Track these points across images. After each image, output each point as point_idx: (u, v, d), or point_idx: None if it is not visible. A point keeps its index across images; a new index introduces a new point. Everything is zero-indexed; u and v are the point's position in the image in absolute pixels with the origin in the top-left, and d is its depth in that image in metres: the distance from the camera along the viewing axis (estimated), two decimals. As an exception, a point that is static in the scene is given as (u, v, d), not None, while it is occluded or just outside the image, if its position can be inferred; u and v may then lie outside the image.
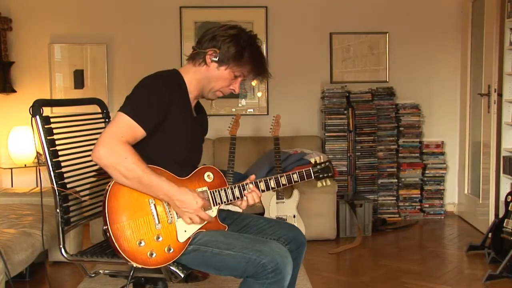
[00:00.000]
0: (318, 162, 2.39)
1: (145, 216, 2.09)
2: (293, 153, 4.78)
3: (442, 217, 5.52)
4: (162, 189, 2.06)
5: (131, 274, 2.12)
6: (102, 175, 2.56)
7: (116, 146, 2.01)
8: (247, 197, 2.26)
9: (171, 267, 2.13)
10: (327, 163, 2.39)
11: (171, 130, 2.19)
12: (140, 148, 2.10)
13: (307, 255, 3.09)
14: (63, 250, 2.30)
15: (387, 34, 5.61)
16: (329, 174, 2.38)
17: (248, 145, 5.25)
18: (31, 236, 3.27)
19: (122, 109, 2.09)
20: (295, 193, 4.43)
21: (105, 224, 2.04)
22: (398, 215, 5.47)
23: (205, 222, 2.18)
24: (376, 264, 4.11)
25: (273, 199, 4.36)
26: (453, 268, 3.98)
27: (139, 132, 2.09)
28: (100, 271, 2.41)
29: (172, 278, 2.18)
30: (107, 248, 2.32)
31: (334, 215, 4.73)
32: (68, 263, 4.09)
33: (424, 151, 5.54)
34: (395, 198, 5.49)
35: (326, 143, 5.39)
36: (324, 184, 2.39)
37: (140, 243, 2.05)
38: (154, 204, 2.10)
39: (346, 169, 5.37)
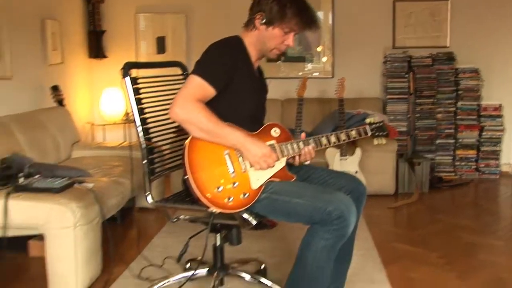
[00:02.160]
0: (373, 122, 2.37)
1: (221, 166, 2.11)
2: (356, 114, 4.68)
3: (497, 177, 5.30)
4: (233, 138, 2.09)
5: (212, 218, 2.15)
6: (182, 131, 2.61)
7: (189, 104, 2.06)
8: (300, 154, 2.25)
9: (245, 215, 2.14)
10: (381, 123, 2.37)
11: (238, 90, 2.22)
12: (213, 108, 2.12)
13: (367, 209, 3.06)
14: (149, 197, 2.35)
15: (449, 1, 5.34)
16: (384, 133, 2.36)
17: (314, 106, 5.18)
18: (121, 184, 3.36)
19: (193, 72, 2.14)
20: (357, 151, 4.36)
21: (185, 174, 2.08)
22: (454, 174, 5.30)
23: (275, 171, 2.18)
24: (433, 219, 4.00)
25: (337, 156, 4.31)
26: (507, 224, 3.83)
27: (209, 90, 2.12)
28: (181, 216, 2.45)
29: (245, 225, 2.20)
30: (186, 196, 2.36)
31: (394, 172, 4.62)
32: (152, 209, 4.25)
33: (482, 113, 5.29)
34: (451, 157, 5.30)
35: (387, 105, 5.24)
36: (380, 142, 2.37)
37: (218, 188, 2.08)
38: (229, 155, 2.13)
39: (406, 129, 5.22)
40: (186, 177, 2.09)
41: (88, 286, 2.75)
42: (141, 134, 2.30)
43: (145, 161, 2.30)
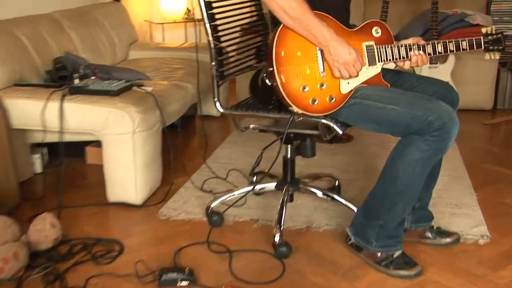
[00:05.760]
0: (489, 32, 2.26)
1: (311, 62, 2.10)
2: (452, 14, 4.53)
3: None
4: (320, 32, 2.05)
5: (292, 119, 2.16)
6: (248, 30, 2.65)
7: None
8: (412, 58, 2.21)
9: (330, 123, 2.16)
10: (499, 35, 2.26)
11: None
12: None
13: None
14: (218, 104, 2.39)
15: None
16: (500, 47, 2.26)
17: (402, 4, 5.03)
18: (183, 89, 3.43)
19: None
20: (451, 58, 4.26)
21: (271, 65, 2.07)
22: None
23: (370, 76, 2.18)
24: (535, 138, 3.94)
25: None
26: None
27: None
28: (251, 126, 2.48)
29: (326, 134, 2.24)
30: (256, 105, 2.40)
31: (493, 84, 4.51)
32: (215, 117, 4.36)
33: None
34: None
35: (492, 3, 4.99)
36: (493, 57, 2.28)
37: (304, 88, 2.08)
38: (321, 51, 2.10)
39: (512, 33, 5.02)
40: (270, 69, 2.09)
41: (148, 195, 2.92)
42: (209, 32, 2.31)
43: (214, 62, 2.32)
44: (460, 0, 4.98)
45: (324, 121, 2.17)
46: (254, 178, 3.03)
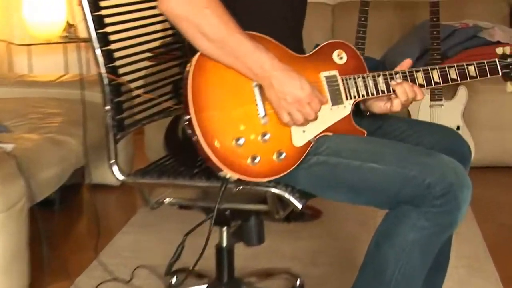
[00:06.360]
0: (508, 53, 2.30)
1: (246, 104, 2.10)
2: (460, 28, 4.68)
3: None
4: (255, 59, 2.05)
5: (223, 187, 2.13)
6: (160, 57, 2.69)
7: None
8: (396, 91, 2.19)
9: (284, 193, 2.14)
10: None
11: None
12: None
13: (476, 189, 3.12)
14: (116, 168, 2.37)
15: None
16: None
17: (389, 14, 5.21)
18: (62, 145, 3.43)
19: None
20: (461, 91, 4.37)
21: (187, 113, 2.04)
22: None
23: (335, 120, 2.19)
24: None
25: (425, 99, 4.31)
26: None
27: None
28: (166, 200, 2.47)
29: (279, 209, 2.22)
30: (175, 168, 2.41)
31: (527, 129, 4.63)
32: (114, 187, 4.35)
33: None
34: None
35: (518, 9, 5.20)
36: None
37: (238, 140, 2.05)
38: (260, 87, 2.10)
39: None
40: (187, 117, 2.05)
41: (8, 313, 2.87)
42: (101, 61, 2.29)
43: (109, 106, 2.31)
44: (472, 8, 5.16)
45: (274, 190, 2.16)
46: (174, 279, 3.01)
